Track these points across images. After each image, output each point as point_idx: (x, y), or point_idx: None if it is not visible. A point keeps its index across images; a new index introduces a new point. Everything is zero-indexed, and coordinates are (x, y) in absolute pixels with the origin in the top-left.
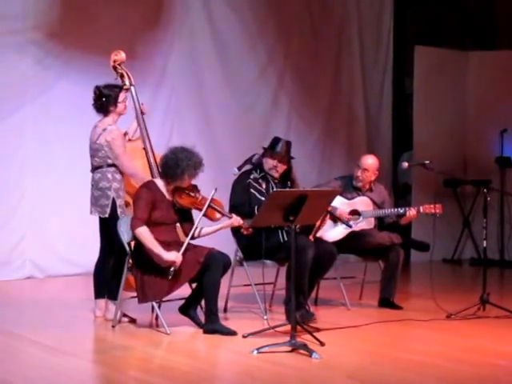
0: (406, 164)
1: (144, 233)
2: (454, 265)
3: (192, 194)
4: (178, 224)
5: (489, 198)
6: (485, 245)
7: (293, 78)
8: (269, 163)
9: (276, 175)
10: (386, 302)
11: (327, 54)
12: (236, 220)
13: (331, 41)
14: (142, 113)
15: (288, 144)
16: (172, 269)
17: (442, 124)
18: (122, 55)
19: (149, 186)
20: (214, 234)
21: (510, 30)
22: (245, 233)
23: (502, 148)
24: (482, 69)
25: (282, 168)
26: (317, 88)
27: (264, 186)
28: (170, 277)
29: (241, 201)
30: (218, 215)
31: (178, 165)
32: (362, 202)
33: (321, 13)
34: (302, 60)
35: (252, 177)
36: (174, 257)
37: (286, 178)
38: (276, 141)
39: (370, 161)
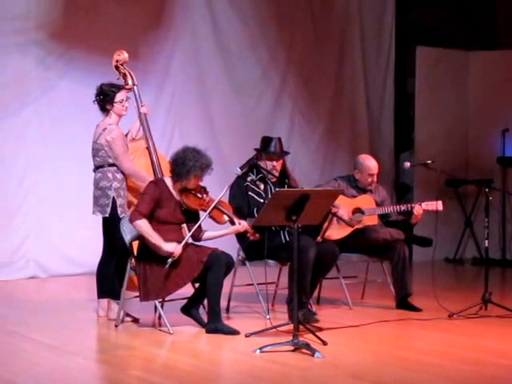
0: (408, 164)
1: (143, 225)
2: (455, 264)
3: (199, 196)
4: (184, 225)
5: (491, 198)
6: (487, 244)
7: (295, 78)
8: (268, 165)
9: (277, 174)
10: (404, 304)
11: (329, 54)
12: (242, 226)
13: (333, 41)
14: (144, 113)
15: (280, 140)
16: (170, 260)
17: (444, 124)
18: (124, 55)
19: (158, 182)
20: None
21: (511, 29)
22: (251, 238)
23: (503, 148)
24: (483, 69)
25: (280, 165)
26: (319, 88)
27: (262, 187)
28: (167, 266)
29: (239, 204)
30: (225, 218)
31: (184, 164)
32: (364, 200)
33: (323, 13)
34: (305, 61)
35: (249, 179)
36: (172, 248)
37: (283, 176)
38: (268, 141)
39: (374, 164)
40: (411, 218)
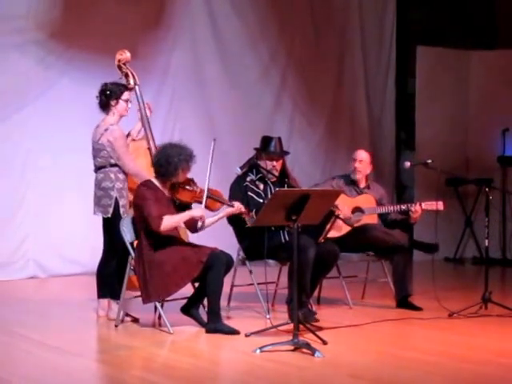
0: (408, 163)
1: (167, 222)
2: (456, 264)
3: (190, 188)
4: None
5: (491, 197)
6: (487, 244)
7: (295, 77)
8: (268, 165)
9: (277, 173)
10: (404, 303)
11: (330, 54)
12: (237, 207)
13: (334, 41)
14: (149, 111)
15: (280, 140)
16: (200, 223)
17: (444, 123)
18: (126, 55)
19: (147, 185)
20: (216, 233)
21: (510, 29)
22: (246, 218)
23: (503, 147)
24: (483, 68)
25: (279, 164)
26: (320, 88)
27: (262, 187)
28: (200, 230)
29: None
30: (218, 205)
31: (169, 162)
32: (364, 199)
33: (323, 13)
34: (305, 60)
35: (249, 179)
36: (201, 212)
37: (283, 175)
38: (268, 140)
39: (363, 153)
40: (410, 217)
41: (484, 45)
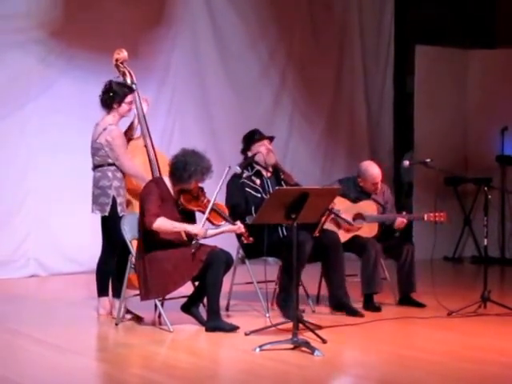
0: (407, 162)
1: (162, 223)
2: (455, 263)
3: (197, 197)
4: None
5: (490, 196)
6: (486, 243)
7: (295, 77)
8: (263, 150)
9: (274, 158)
10: (407, 300)
11: (329, 53)
12: (238, 227)
13: (333, 40)
14: (146, 104)
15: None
16: (194, 241)
17: (443, 122)
18: (124, 54)
19: (157, 181)
20: None
21: (510, 28)
22: (245, 242)
23: (502, 146)
24: (482, 67)
25: (272, 148)
26: (319, 87)
27: (258, 182)
28: (193, 250)
29: (236, 201)
30: (220, 220)
31: (185, 169)
32: (367, 206)
33: (322, 12)
34: (304, 59)
35: (245, 176)
36: (197, 230)
37: (277, 170)
38: (251, 133)
39: (377, 171)
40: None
41: (483, 44)
